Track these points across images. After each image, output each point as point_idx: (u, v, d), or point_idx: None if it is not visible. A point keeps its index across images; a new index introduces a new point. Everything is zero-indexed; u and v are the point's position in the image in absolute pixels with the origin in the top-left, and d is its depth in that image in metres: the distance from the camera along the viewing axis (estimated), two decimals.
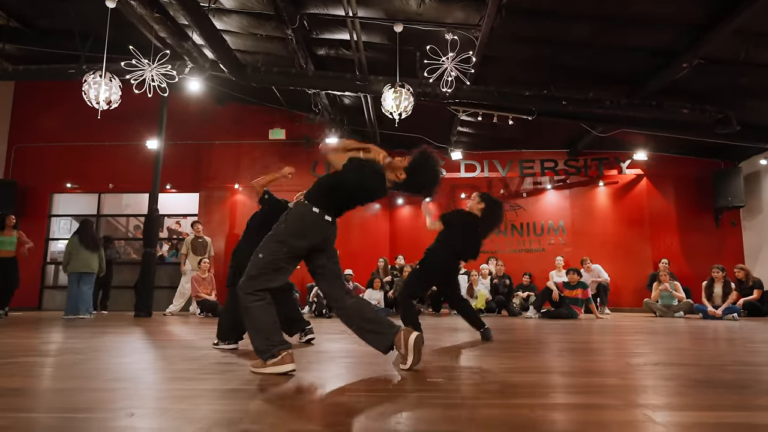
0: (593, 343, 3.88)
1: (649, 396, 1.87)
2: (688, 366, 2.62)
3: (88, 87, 6.03)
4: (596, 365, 2.70)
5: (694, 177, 9.54)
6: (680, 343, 3.85)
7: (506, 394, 1.89)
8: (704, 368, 2.54)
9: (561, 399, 1.85)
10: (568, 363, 2.77)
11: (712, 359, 2.91)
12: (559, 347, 3.58)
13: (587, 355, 3.13)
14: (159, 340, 4.03)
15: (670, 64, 6.00)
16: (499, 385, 2.08)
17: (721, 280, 7.33)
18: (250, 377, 2.19)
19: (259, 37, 7.13)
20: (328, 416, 1.60)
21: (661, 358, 2.92)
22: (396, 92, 6.00)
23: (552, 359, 2.94)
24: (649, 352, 3.23)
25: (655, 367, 2.59)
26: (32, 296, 9.45)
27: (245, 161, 10.03)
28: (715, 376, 2.28)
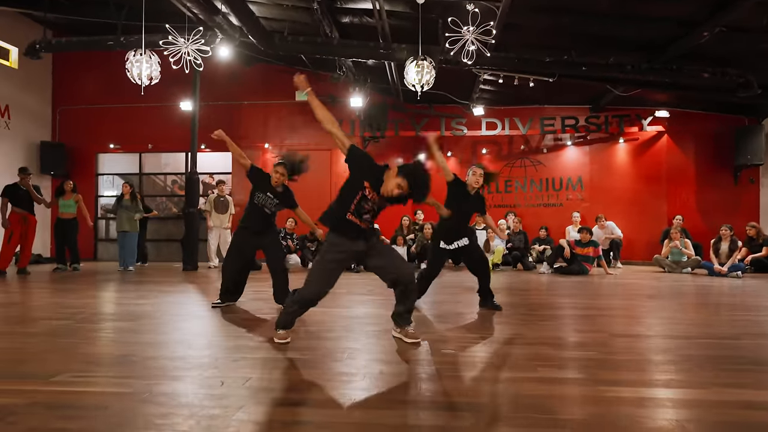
0: (600, 309, 4.42)
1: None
2: (683, 339, 3.13)
3: (130, 65, 6.47)
4: (584, 336, 3.25)
5: (715, 134, 9.57)
6: (679, 310, 4.35)
7: (515, 367, 2.47)
8: (696, 342, 3.05)
9: (570, 374, 2.40)
10: (577, 332, 3.32)
11: (701, 332, 3.42)
12: (568, 313, 4.14)
13: (582, 324, 3.68)
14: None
15: (692, 32, 6.04)
16: (509, 356, 2.66)
17: (728, 238, 7.66)
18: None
19: (285, 6, 7.31)
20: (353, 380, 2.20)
21: (658, 330, 3.45)
22: (418, 66, 6.24)
23: (561, 328, 3.50)
24: (652, 322, 3.76)
25: (649, 339, 3.12)
26: (88, 249, 10.44)
27: (273, 120, 10.45)
28: (708, 351, 2.79)
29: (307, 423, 1.82)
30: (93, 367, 2.49)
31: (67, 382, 2.25)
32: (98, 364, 2.55)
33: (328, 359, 2.68)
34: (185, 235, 8.53)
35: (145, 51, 6.51)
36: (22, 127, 10.03)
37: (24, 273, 7.36)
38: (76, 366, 2.49)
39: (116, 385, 2.21)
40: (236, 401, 1.99)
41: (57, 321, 3.71)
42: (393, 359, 2.68)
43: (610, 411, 1.89)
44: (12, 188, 7.50)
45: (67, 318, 3.82)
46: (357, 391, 2.14)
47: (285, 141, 10.44)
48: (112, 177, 11.20)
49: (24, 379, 2.29)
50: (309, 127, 10.38)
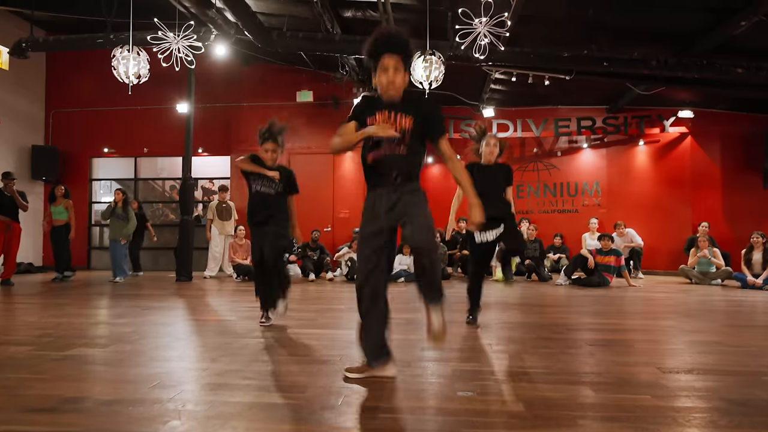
0: (625, 329, 3.87)
1: (680, 429, 1.89)
2: (726, 375, 2.60)
3: (117, 63, 6.04)
4: (627, 371, 2.71)
5: (742, 134, 8.98)
6: (717, 332, 3.80)
7: (525, 419, 1.94)
8: (742, 379, 2.52)
9: (589, 428, 1.89)
10: (598, 368, 2.79)
11: (749, 362, 2.88)
12: (588, 337, 3.60)
13: (617, 352, 3.14)
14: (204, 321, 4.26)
15: (726, 22, 5.50)
16: (524, 404, 2.13)
17: (760, 246, 7.07)
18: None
19: (284, 0, 6.87)
20: None
21: (696, 361, 2.91)
22: (426, 61, 5.76)
23: (579, 356, 2.96)
24: (683, 348, 3.22)
25: (688, 376, 2.59)
26: (82, 257, 10.01)
27: None
28: (752, 395, 2.27)
29: None
30: (29, 414, 1.99)
31: None
32: (40, 410, 2.06)
33: (317, 406, 2.16)
34: (179, 244, 8.07)
35: (132, 48, 6.09)
36: (13, 130, 9.65)
37: (8, 284, 6.93)
38: (8, 414, 2.00)
39: None
40: None
41: (16, 347, 3.23)
42: (395, 405, 2.16)
43: None
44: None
45: (29, 343, 3.35)
46: None
47: (286, 144, 9.94)
48: (110, 182, 10.81)
49: None
50: (310, 130, 9.92)
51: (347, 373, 2.59)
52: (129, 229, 7.79)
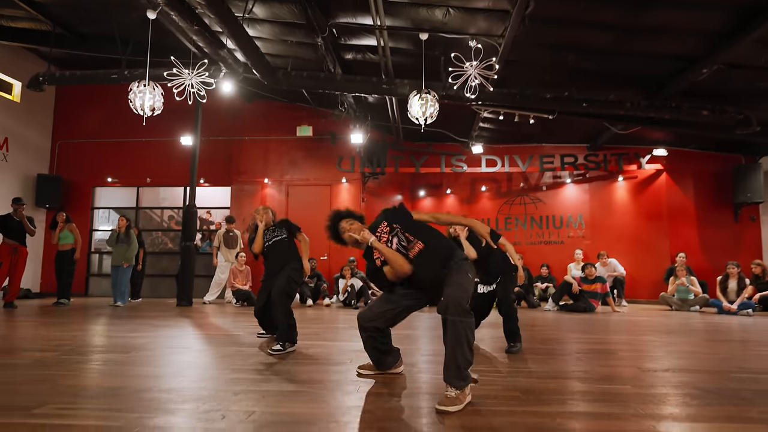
0: (609, 344, 4.22)
1: (656, 406, 2.22)
2: (698, 373, 2.95)
3: (133, 96, 6.46)
4: (611, 370, 3.05)
5: (713, 172, 9.64)
6: (693, 345, 4.16)
7: (524, 401, 2.26)
8: (712, 375, 2.87)
9: (578, 407, 2.22)
10: (585, 368, 3.12)
11: (721, 364, 3.23)
12: (576, 348, 3.94)
13: (602, 358, 3.48)
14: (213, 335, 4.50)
15: (691, 69, 6.14)
16: (519, 391, 2.45)
17: (735, 275, 7.54)
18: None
19: (290, 43, 7.43)
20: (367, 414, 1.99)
21: (672, 363, 3.25)
22: (422, 99, 6.27)
23: (569, 363, 3.29)
24: (661, 355, 3.57)
25: (666, 373, 2.93)
26: (80, 284, 10.12)
27: (273, 156, 10.44)
28: (721, 385, 2.61)
29: None
30: (79, 399, 2.26)
31: (52, 414, 2.03)
32: (85, 396, 2.32)
33: (337, 392, 2.46)
34: (180, 270, 8.28)
35: (148, 83, 6.52)
36: (21, 159, 9.94)
37: (11, 307, 7.06)
38: (61, 398, 2.27)
39: (104, 419, 1.99)
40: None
41: (42, 353, 3.46)
42: (402, 392, 2.47)
43: None
44: (5, 219, 7.31)
45: (52, 350, 3.58)
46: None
47: (285, 176, 10.38)
48: (108, 211, 11.04)
49: (5, 411, 2.06)
50: (309, 162, 10.36)
51: (359, 370, 2.89)
52: (130, 253, 8.00)
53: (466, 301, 2.29)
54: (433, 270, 2.48)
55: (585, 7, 5.34)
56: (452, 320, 2.23)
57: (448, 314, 2.23)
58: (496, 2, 5.54)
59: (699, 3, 4.98)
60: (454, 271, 2.41)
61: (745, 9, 4.95)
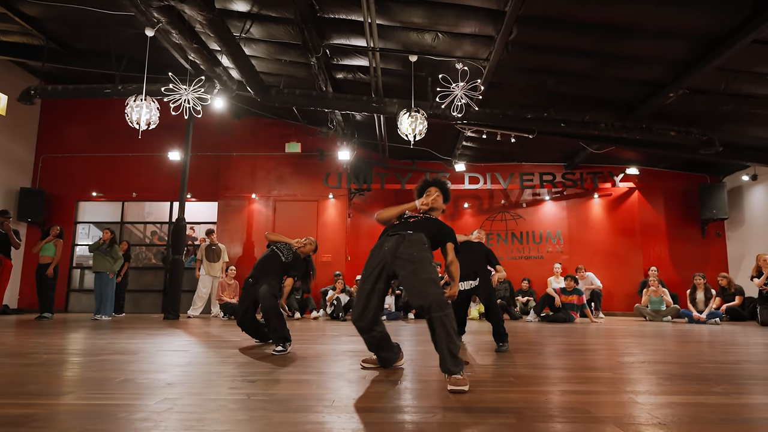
0: (589, 345, 4.50)
1: (634, 385, 2.49)
2: (669, 364, 3.24)
3: (130, 110, 6.60)
4: (591, 363, 3.31)
5: (681, 191, 10.23)
6: (665, 345, 4.48)
7: (517, 384, 2.50)
8: (682, 365, 3.16)
9: (565, 388, 2.46)
10: (568, 361, 3.38)
11: (690, 358, 3.54)
12: (559, 348, 4.20)
13: (584, 354, 3.75)
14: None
15: (659, 93, 6.65)
16: (512, 377, 2.69)
17: (702, 286, 8.00)
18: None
19: (284, 62, 7.72)
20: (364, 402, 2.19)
21: (647, 358, 3.54)
22: (411, 117, 6.60)
23: (553, 358, 3.55)
24: (637, 353, 3.86)
25: (642, 364, 3.21)
26: (60, 299, 9.97)
27: (261, 172, 10.60)
28: (689, 372, 2.90)
29: None
30: (102, 388, 2.39)
31: (83, 397, 2.17)
32: (106, 386, 2.45)
33: (342, 380, 2.65)
34: (168, 283, 8.30)
35: (145, 97, 6.69)
36: (3, 173, 9.85)
37: None
38: (85, 387, 2.39)
39: (134, 398, 2.14)
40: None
41: (48, 355, 3.54)
42: (403, 378, 2.68)
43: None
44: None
45: (58, 352, 3.65)
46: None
47: (272, 191, 10.55)
48: (88, 226, 10.95)
49: (36, 396, 2.18)
50: (296, 179, 10.57)
51: (363, 364, 3.09)
52: (115, 267, 7.97)
53: (443, 295, 2.56)
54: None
55: (564, 35, 5.79)
56: (437, 317, 2.46)
57: (433, 312, 2.48)
58: (482, 28, 5.95)
59: (664, 33, 5.47)
60: (419, 265, 2.66)
61: (705, 39, 5.45)
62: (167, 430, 1.66)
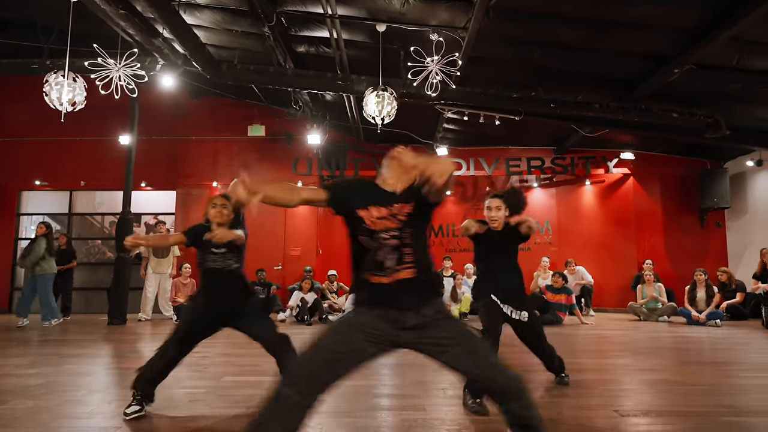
0: (573, 363, 3.75)
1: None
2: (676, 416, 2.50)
3: (49, 88, 5.63)
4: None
5: (680, 177, 9.46)
6: (666, 373, 3.74)
7: None
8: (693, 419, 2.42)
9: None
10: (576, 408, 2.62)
11: (694, 403, 2.80)
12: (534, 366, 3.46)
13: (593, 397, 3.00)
14: None
15: (662, 69, 5.82)
16: None
17: (703, 283, 7.31)
18: None
19: (235, 33, 6.75)
20: None
21: (647, 403, 2.80)
22: (379, 96, 5.73)
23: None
24: (635, 390, 3.12)
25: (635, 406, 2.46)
26: (3, 299, 9.09)
27: (223, 158, 9.68)
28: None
29: None
30: None
31: None
32: None
33: None
34: (113, 284, 7.46)
35: (68, 74, 5.72)
36: None
37: None
38: None
39: None
40: None
41: None
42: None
43: None
44: None
45: None
46: None
47: (236, 179, 9.62)
48: (34, 217, 9.99)
49: None
50: (262, 165, 9.66)
51: None
52: (29, 260, 7.02)
53: None
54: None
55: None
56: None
57: None
58: None
59: None
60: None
61: (725, 1, 4.60)
62: None
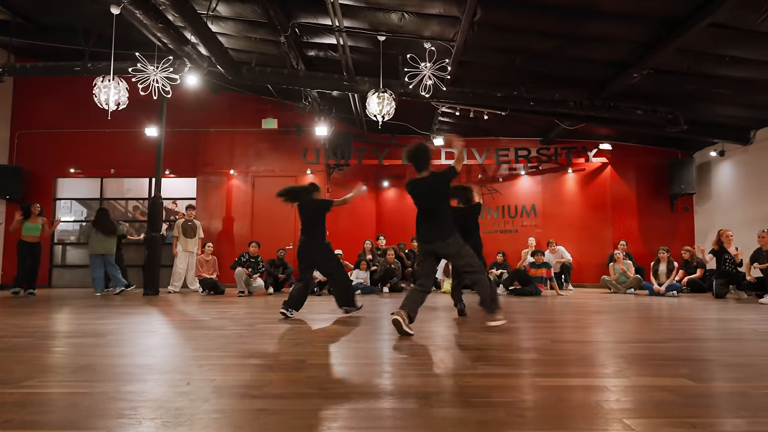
0: (548, 320, 4.77)
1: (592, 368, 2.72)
2: (630, 343, 3.50)
3: (98, 91, 6.59)
4: (559, 341, 3.56)
5: (653, 166, 10.43)
6: (623, 324, 4.75)
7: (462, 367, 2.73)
8: (630, 345, 3.42)
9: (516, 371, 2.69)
10: (530, 339, 3.63)
11: (633, 337, 3.80)
12: (523, 326, 4.47)
13: (545, 333, 4.00)
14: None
15: (624, 73, 6.73)
16: (456, 358, 2.92)
17: (665, 259, 8.31)
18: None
19: (253, 39, 7.66)
20: (327, 383, 2.41)
21: (604, 336, 3.80)
22: (379, 98, 6.66)
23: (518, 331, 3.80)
24: (602, 331, 4.12)
25: (599, 344, 3.46)
26: (43, 275, 10.13)
27: (239, 148, 10.64)
28: (629, 352, 3.15)
29: (266, 410, 2.02)
30: (58, 375, 2.58)
31: (35, 386, 2.35)
32: (63, 372, 2.64)
33: (288, 367, 2.87)
34: (147, 260, 8.48)
35: (113, 77, 6.66)
36: None
37: None
38: (41, 374, 2.58)
39: (84, 387, 2.33)
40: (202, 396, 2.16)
41: (16, 339, 3.72)
42: (353, 362, 2.90)
43: (543, 397, 2.18)
44: None
45: (26, 336, 3.84)
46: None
47: (251, 167, 10.62)
48: (70, 202, 11.02)
49: None
50: (274, 155, 10.61)
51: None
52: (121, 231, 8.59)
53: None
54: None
55: (527, 16, 5.82)
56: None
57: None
58: (448, 9, 5.95)
59: (624, 15, 5.52)
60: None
61: (665, 22, 5.51)
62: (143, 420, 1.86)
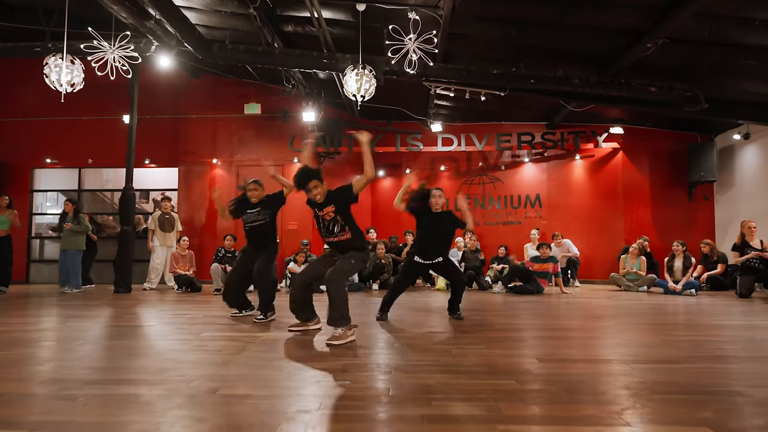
0: (560, 324, 4.07)
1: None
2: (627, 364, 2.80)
3: (49, 70, 6.00)
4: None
5: (668, 151, 9.53)
6: (633, 334, 4.03)
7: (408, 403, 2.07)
8: (639, 368, 2.72)
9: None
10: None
11: (643, 353, 3.10)
12: (526, 335, 3.78)
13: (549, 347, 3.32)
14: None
15: (637, 44, 5.92)
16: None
17: (681, 254, 7.49)
18: None
19: (224, 13, 6.99)
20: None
21: (607, 351, 3.11)
22: (358, 75, 5.96)
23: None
24: (613, 338, 3.43)
25: (599, 365, 2.77)
26: (20, 270, 9.68)
27: (222, 135, 10.03)
28: (637, 379, 2.46)
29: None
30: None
31: None
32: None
33: None
34: (117, 255, 7.95)
35: (66, 56, 6.06)
36: None
37: None
38: None
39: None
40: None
41: None
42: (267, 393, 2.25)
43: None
44: None
45: None
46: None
47: (235, 156, 10.00)
48: (56, 194, 10.54)
49: None
50: (259, 142, 9.98)
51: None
52: (81, 241, 7.92)
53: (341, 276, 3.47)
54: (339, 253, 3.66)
55: None
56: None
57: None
58: None
59: None
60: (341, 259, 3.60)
61: None
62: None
